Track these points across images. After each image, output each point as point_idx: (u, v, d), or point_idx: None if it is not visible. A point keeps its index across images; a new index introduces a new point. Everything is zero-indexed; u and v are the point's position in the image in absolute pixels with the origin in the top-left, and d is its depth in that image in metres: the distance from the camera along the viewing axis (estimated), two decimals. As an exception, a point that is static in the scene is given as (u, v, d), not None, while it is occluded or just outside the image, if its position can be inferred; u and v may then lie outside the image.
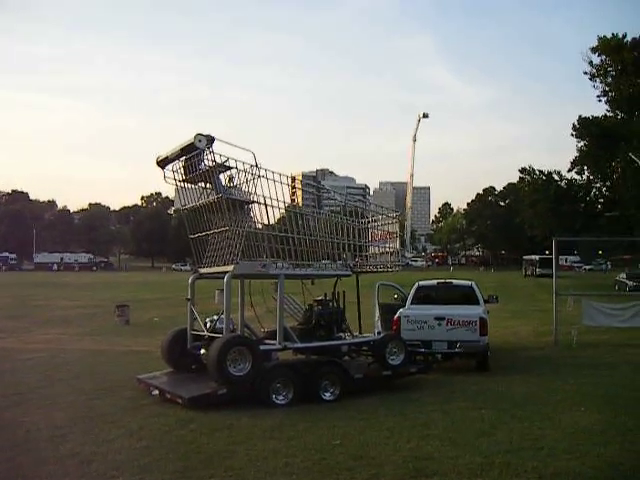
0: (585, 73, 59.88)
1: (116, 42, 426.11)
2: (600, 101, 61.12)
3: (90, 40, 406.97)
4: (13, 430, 9.17)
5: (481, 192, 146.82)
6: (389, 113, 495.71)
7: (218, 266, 11.79)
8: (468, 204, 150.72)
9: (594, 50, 58.04)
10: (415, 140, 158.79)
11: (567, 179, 68.67)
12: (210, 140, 10.97)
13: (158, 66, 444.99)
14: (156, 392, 11.24)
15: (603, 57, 58.37)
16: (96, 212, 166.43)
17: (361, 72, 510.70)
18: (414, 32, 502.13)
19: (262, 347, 11.39)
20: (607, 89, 59.80)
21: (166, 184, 12.34)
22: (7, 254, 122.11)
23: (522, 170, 77.13)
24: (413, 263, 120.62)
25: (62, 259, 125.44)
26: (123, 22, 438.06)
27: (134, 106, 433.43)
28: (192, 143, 10.95)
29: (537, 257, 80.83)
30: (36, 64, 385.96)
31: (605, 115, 61.84)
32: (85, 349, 18.44)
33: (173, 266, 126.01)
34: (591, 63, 58.93)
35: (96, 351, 18.02)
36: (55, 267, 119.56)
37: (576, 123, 61.70)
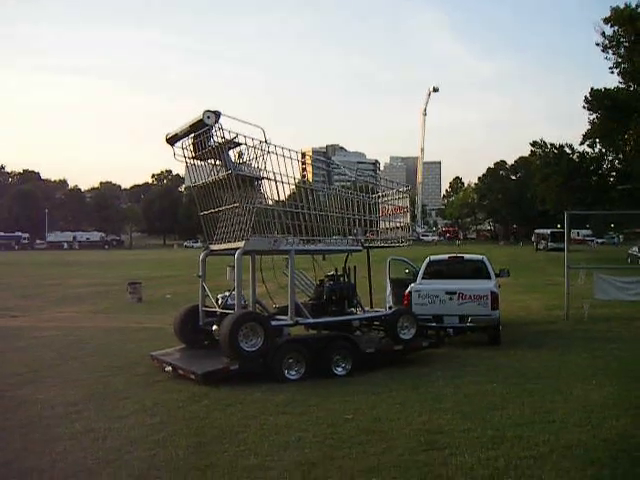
0: (597, 44, 59.02)
1: (123, 22, 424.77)
2: (613, 73, 60.22)
3: (98, 20, 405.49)
4: (28, 407, 9.25)
5: (492, 166, 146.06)
6: (399, 87, 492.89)
7: (229, 243, 11.80)
8: (479, 178, 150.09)
9: (607, 21, 57.07)
10: (425, 114, 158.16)
11: (579, 152, 67.89)
12: (219, 116, 10.93)
13: (163, 45, 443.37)
14: (169, 368, 11.31)
15: (616, 28, 57.40)
16: (107, 191, 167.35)
17: (371, 46, 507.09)
18: (424, 6, 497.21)
19: (274, 323, 11.43)
20: (620, 60, 58.87)
21: (176, 161, 12.35)
22: (19, 233, 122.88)
23: (533, 143, 76.24)
24: (424, 238, 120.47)
25: (75, 238, 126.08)
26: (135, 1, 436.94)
27: (143, 84, 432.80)
28: (201, 120, 10.91)
29: (549, 231, 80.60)
30: (45, 45, 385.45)
31: (618, 87, 60.99)
32: (98, 327, 18.56)
33: (184, 243, 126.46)
34: (604, 34, 57.98)
35: (109, 328, 18.14)
36: (65, 246, 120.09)
37: (588, 95, 60.95)
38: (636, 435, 7.51)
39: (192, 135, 11.74)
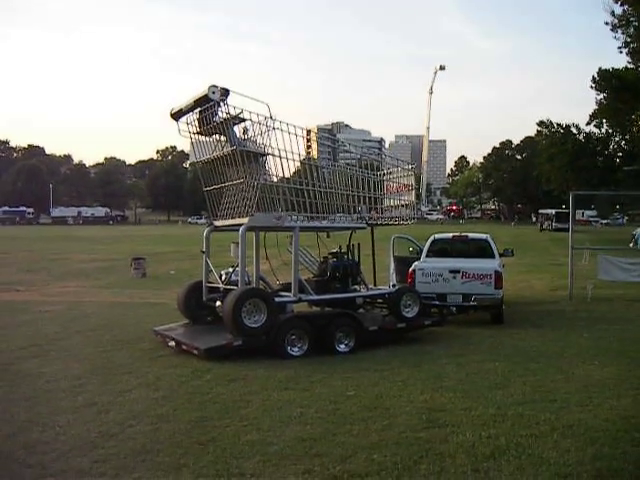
0: (606, 24, 58.40)
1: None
2: (621, 53, 59.50)
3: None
4: (32, 381, 9.31)
5: (498, 146, 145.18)
6: (405, 66, 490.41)
7: (233, 219, 11.80)
8: (484, 158, 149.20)
9: (616, 0, 56.64)
10: (431, 93, 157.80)
11: (585, 132, 67.84)
12: (225, 92, 10.88)
13: (169, 20, 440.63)
14: (172, 343, 11.35)
15: (626, 7, 56.85)
16: (112, 166, 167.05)
17: (378, 24, 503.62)
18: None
19: (277, 299, 11.45)
20: (629, 40, 58.25)
21: (181, 137, 12.31)
22: (24, 208, 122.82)
23: (540, 123, 76.28)
24: (428, 217, 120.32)
25: (79, 213, 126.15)
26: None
27: (146, 59, 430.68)
28: (206, 95, 10.86)
29: (553, 211, 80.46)
30: (48, 16, 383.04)
31: (626, 67, 60.54)
32: (102, 301, 18.62)
33: (189, 219, 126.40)
34: (613, 13, 57.21)
35: (113, 303, 18.21)
36: (70, 221, 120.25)
37: (596, 75, 60.56)
38: (636, 415, 7.52)
39: (197, 110, 11.68)
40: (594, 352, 11.35)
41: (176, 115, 12.17)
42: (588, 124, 66.22)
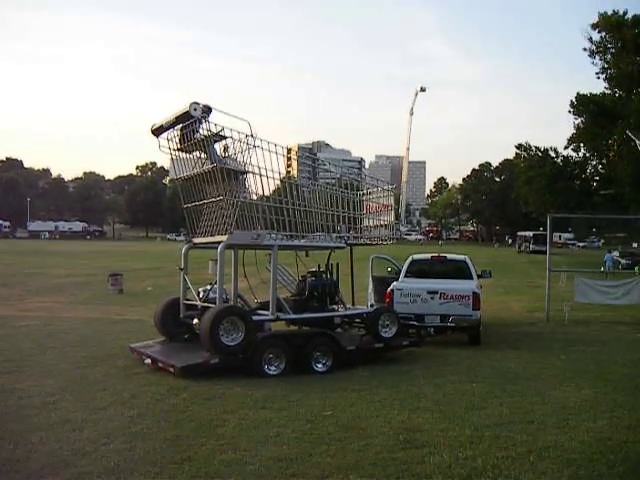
0: (585, 50, 59.40)
1: (108, 10, 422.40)
2: (599, 78, 60.70)
3: (82, 10, 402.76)
4: (5, 397, 9.17)
5: (477, 167, 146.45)
6: (386, 86, 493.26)
7: (212, 236, 11.76)
8: (464, 179, 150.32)
9: (594, 27, 57.47)
10: (412, 114, 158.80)
11: (563, 156, 68.33)
12: (206, 109, 10.89)
13: (151, 35, 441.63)
14: (148, 361, 11.25)
15: (603, 34, 57.82)
16: (90, 181, 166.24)
17: (359, 45, 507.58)
18: (414, 4, 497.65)
19: (255, 317, 11.40)
20: (606, 66, 59.29)
21: (161, 153, 12.28)
22: (0, 222, 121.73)
23: (518, 146, 76.54)
24: (407, 237, 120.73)
25: (56, 227, 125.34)
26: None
27: (127, 73, 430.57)
28: (187, 111, 10.86)
29: (531, 233, 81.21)
30: (24, 33, 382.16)
31: (604, 93, 61.45)
32: (78, 317, 18.44)
33: (167, 236, 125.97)
34: (591, 40, 58.38)
35: (89, 319, 18.03)
36: (46, 235, 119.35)
37: (574, 100, 61.34)
38: (612, 438, 7.56)
39: (178, 127, 11.67)
40: (571, 374, 11.40)
41: (157, 131, 12.14)
42: (566, 148, 66.87)
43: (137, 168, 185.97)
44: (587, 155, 67.03)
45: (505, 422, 8.16)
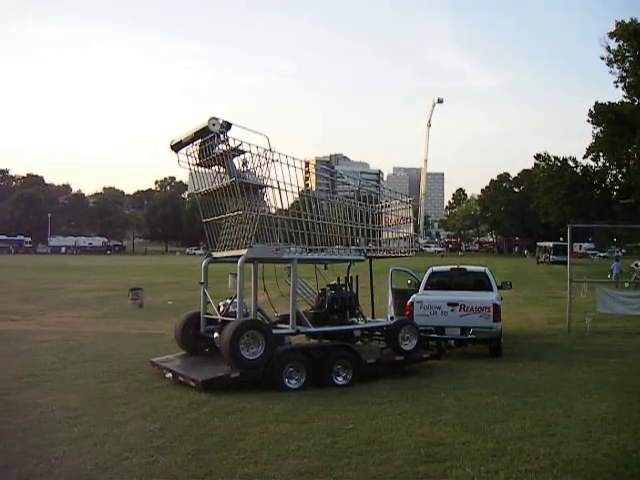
0: (602, 58, 59.15)
1: (127, 23, 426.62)
2: (617, 87, 60.38)
3: (102, 23, 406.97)
4: (27, 411, 9.23)
5: (495, 178, 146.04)
6: (404, 98, 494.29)
7: (231, 250, 11.80)
8: (482, 190, 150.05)
9: (612, 35, 57.23)
10: (429, 125, 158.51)
11: (582, 166, 67.99)
12: (225, 125, 10.95)
13: (169, 51, 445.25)
14: (169, 375, 11.29)
15: (621, 42, 57.55)
16: (110, 196, 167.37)
17: (376, 57, 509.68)
18: (430, 16, 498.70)
19: (275, 331, 11.39)
20: (624, 75, 58.98)
21: (180, 168, 12.37)
22: (22, 237, 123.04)
23: (537, 156, 76.21)
24: (426, 249, 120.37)
25: (76, 243, 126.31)
26: (133, 6, 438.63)
27: (146, 90, 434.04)
28: (206, 127, 10.93)
29: (551, 244, 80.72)
30: (46, 48, 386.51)
31: (622, 101, 61.13)
32: (99, 332, 18.52)
33: (187, 250, 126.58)
34: (609, 48, 58.12)
35: (110, 334, 18.11)
36: (63, 250, 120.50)
37: (592, 109, 61.05)
38: (637, 450, 7.47)
39: (197, 142, 11.75)
40: (593, 386, 11.29)
41: (176, 146, 12.23)
42: (585, 157, 66.59)
43: (156, 183, 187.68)
44: (606, 164, 66.70)
45: (527, 435, 8.09)
